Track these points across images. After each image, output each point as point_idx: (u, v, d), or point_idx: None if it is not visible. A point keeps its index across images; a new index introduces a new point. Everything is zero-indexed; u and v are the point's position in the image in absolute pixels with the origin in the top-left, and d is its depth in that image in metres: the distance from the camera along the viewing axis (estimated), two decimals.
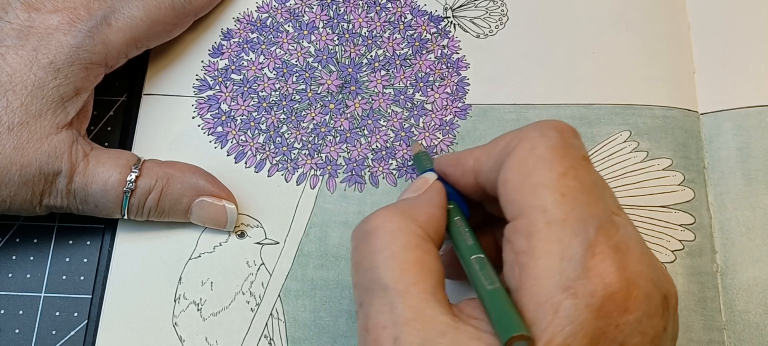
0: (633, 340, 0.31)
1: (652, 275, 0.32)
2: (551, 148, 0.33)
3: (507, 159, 0.34)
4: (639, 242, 0.33)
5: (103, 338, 0.43)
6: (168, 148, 0.48)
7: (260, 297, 0.45)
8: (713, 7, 0.52)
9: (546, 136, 0.34)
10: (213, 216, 0.45)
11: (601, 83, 0.49)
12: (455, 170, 0.38)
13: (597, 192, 0.33)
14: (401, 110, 0.49)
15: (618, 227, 0.32)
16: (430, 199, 0.37)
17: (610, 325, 0.31)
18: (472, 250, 0.35)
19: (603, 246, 0.31)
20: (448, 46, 0.51)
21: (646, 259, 0.32)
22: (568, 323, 0.30)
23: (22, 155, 0.41)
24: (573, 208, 0.32)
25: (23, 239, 0.46)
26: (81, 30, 0.43)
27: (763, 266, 0.45)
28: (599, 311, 0.30)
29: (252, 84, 0.49)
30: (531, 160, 0.33)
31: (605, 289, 0.31)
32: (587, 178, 0.33)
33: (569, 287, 0.31)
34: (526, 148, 0.34)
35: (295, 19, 0.51)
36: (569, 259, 0.31)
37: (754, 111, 0.49)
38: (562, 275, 0.31)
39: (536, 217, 0.32)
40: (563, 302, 0.30)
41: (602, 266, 0.31)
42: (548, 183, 0.33)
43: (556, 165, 0.33)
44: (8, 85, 0.42)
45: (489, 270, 0.34)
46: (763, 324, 0.44)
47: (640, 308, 0.31)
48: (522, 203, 0.33)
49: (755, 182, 0.47)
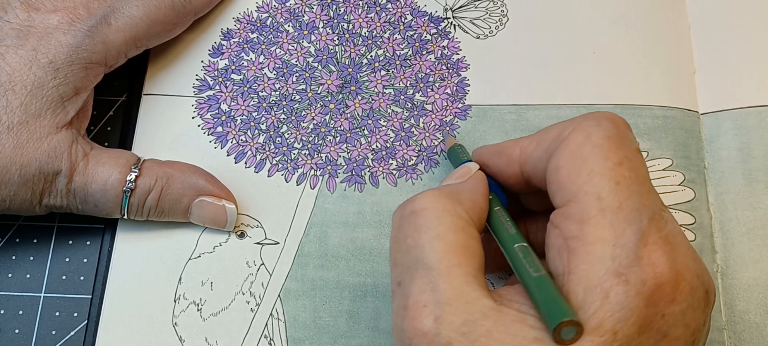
0: (676, 331, 0.31)
1: (697, 269, 0.33)
2: (607, 137, 0.34)
3: (560, 146, 0.35)
4: (684, 237, 0.34)
5: (103, 338, 0.43)
6: (168, 148, 0.48)
7: (260, 297, 0.44)
8: (713, 7, 0.52)
9: (602, 126, 0.34)
10: (213, 216, 0.45)
11: (601, 83, 0.49)
12: (499, 160, 0.38)
13: (650, 185, 0.34)
14: (401, 110, 0.49)
15: (667, 221, 0.33)
16: (475, 186, 0.38)
17: (658, 314, 0.31)
18: (514, 239, 0.36)
19: (655, 237, 0.32)
20: (448, 47, 0.51)
21: (692, 253, 0.33)
22: (618, 308, 0.30)
23: (21, 155, 0.41)
24: (628, 197, 0.32)
25: (23, 239, 0.46)
26: (81, 29, 0.43)
27: (764, 266, 0.45)
28: (649, 300, 0.31)
29: (252, 84, 0.49)
30: (586, 147, 0.34)
31: (656, 278, 0.31)
32: (641, 170, 0.34)
33: (621, 274, 0.31)
34: (581, 137, 0.34)
35: (295, 19, 0.51)
36: (622, 246, 0.31)
37: (755, 111, 0.49)
38: (615, 261, 0.31)
39: (590, 203, 0.33)
40: (614, 287, 0.31)
41: (654, 256, 0.31)
42: (604, 171, 0.33)
43: (612, 154, 0.33)
44: (8, 85, 0.42)
45: (533, 258, 0.34)
46: (763, 324, 0.44)
47: (686, 299, 0.32)
48: (575, 189, 0.33)
49: (755, 182, 0.47)
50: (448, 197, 0.35)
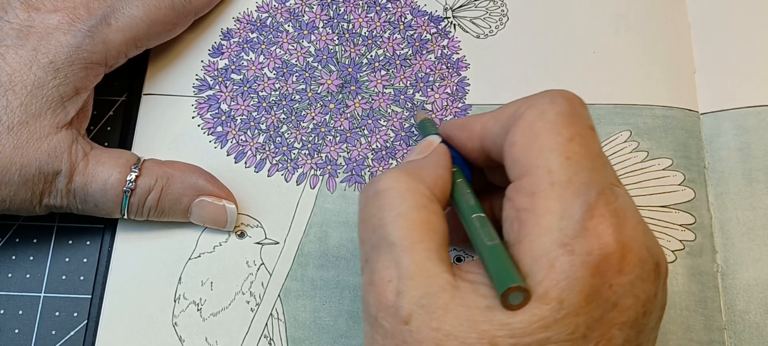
0: (626, 301, 0.32)
1: (646, 241, 0.33)
2: (560, 114, 0.34)
3: (516, 123, 0.35)
4: (635, 211, 0.34)
5: (102, 338, 0.43)
6: (168, 148, 0.48)
7: (260, 297, 0.44)
8: (713, 7, 0.52)
9: (555, 103, 0.35)
10: (213, 216, 0.45)
11: (601, 83, 0.49)
12: (461, 134, 0.39)
13: (602, 160, 0.34)
14: (401, 110, 0.49)
15: (617, 195, 0.33)
16: (437, 161, 0.38)
17: (605, 284, 0.31)
18: (473, 209, 0.36)
19: (602, 209, 0.32)
20: (448, 47, 0.51)
21: (642, 226, 0.33)
22: (564, 278, 0.31)
23: (21, 155, 0.41)
24: (577, 172, 0.33)
25: (23, 239, 0.46)
26: (81, 30, 0.43)
27: (764, 266, 0.45)
28: (595, 270, 0.31)
29: (252, 84, 0.49)
30: (539, 123, 0.34)
31: (601, 249, 0.31)
32: (593, 146, 0.34)
33: (567, 244, 0.32)
34: (535, 113, 0.35)
35: (295, 18, 0.51)
36: (569, 218, 0.32)
37: (755, 111, 0.49)
38: (561, 232, 0.32)
39: (541, 177, 0.33)
40: (560, 257, 0.31)
41: (600, 228, 0.32)
42: (555, 146, 0.34)
43: (564, 130, 0.34)
44: (8, 85, 0.42)
45: (489, 228, 0.35)
46: (764, 324, 0.44)
47: (634, 270, 0.32)
48: (527, 163, 0.34)
49: (755, 182, 0.47)
50: (409, 174, 0.36)
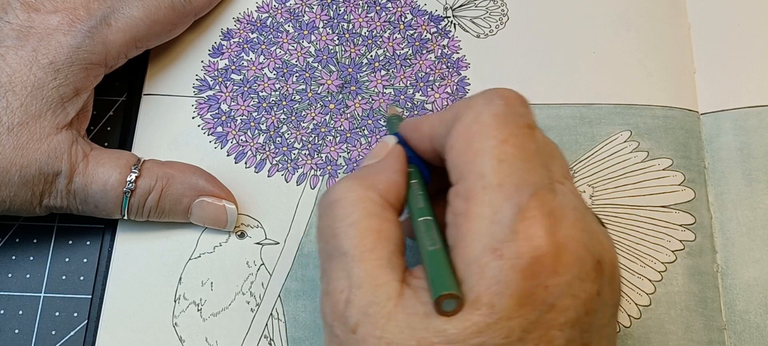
0: (563, 302, 0.31)
1: (584, 239, 0.33)
2: (495, 115, 0.34)
3: (454, 125, 0.35)
4: (577, 209, 0.33)
5: (103, 338, 0.43)
6: (168, 148, 0.48)
7: (260, 297, 0.45)
8: (713, 8, 0.52)
9: (491, 104, 0.35)
10: (213, 216, 0.45)
11: (601, 83, 0.49)
12: (414, 135, 0.39)
13: (538, 160, 0.34)
14: (401, 110, 0.49)
15: (556, 194, 0.33)
16: (391, 164, 0.38)
17: (539, 286, 0.31)
18: (421, 212, 0.36)
19: (535, 211, 0.32)
20: (448, 46, 0.51)
21: (581, 224, 0.33)
22: (494, 282, 0.31)
23: (21, 156, 0.41)
24: (509, 174, 0.33)
25: (23, 239, 0.46)
26: (81, 30, 0.43)
27: (764, 266, 0.45)
28: (526, 272, 0.31)
29: (252, 84, 0.49)
30: (474, 126, 0.34)
31: (532, 251, 0.31)
32: (528, 145, 0.34)
33: (496, 249, 0.31)
34: (471, 116, 0.35)
35: (295, 19, 0.51)
36: (498, 222, 0.32)
37: (755, 111, 0.49)
38: (491, 237, 0.32)
39: (474, 181, 0.33)
40: (489, 262, 0.31)
41: (531, 230, 0.32)
42: (487, 149, 0.33)
43: (497, 132, 0.34)
44: (8, 86, 0.42)
45: (433, 232, 0.35)
46: (764, 324, 0.44)
47: (570, 270, 0.32)
48: (463, 167, 0.34)
49: (755, 182, 0.47)
50: (362, 183, 0.36)
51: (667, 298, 0.44)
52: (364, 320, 0.33)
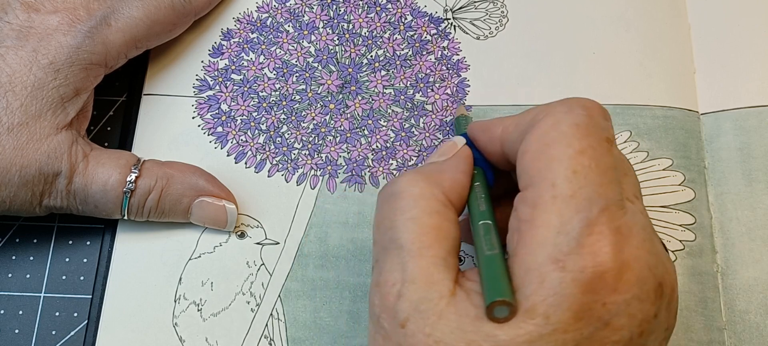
0: (619, 321, 0.31)
1: (649, 260, 0.32)
2: (574, 125, 0.34)
3: (530, 130, 0.35)
4: (645, 229, 0.33)
5: (103, 338, 0.43)
6: (168, 148, 0.48)
7: (260, 297, 0.45)
8: (713, 8, 0.52)
9: (572, 113, 0.34)
10: (213, 216, 0.45)
11: (601, 83, 0.49)
12: (483, 136, 0.39)
13: (612, 175, 0.33)
14: (401, 111, 0.49)
15: (626, 211, 0.33)
16: (457, 164, 0.38)
17: (597, 302, 0.31)
18: (482, 215, 0.36)
19: (603, 227, 0.32)
20: (448, 48, 0.51)
21: (647, 246, 0.33)
22: (551, 293, 0.31)
23: (21, 156, 0.41)
24: (582, 186, 0.32)
25: (23, 239, 0.46)
26: (81, 30, 0.43)
27: (764, 266, 0.45)
28: (586, 287, 0.31)
29: (252, 84, 0.49)
30: (552, 133, 0.34)
31: (596, 267, 0.31)
32: (605, 159, 0.33)
33: (559, 260, 0.31)
34: (550, 122, 0.34)
35: (295, 19, 0.51)
36: (566, 233, 0.32)
37: (755, 111, 0.49)
38: (556, 247, 0.31)
39: (545, 189, 0.33)
40: (550, 273, 0.31)
41: (597, 245, 0.31)
42: (563, 158, 0.33)
43: (575, 142, 0.33)
44: (8, 86, 0.42)
45: (492, 236, 0.35)
46: (764, 324, 0.44)
47: (631, 290, 0.31)
48: (535, 174, 0.33)
49: (755, 182, 0.47)
50: (426, 178, 0.36)
51: None
52: (415, 316, 0.32)
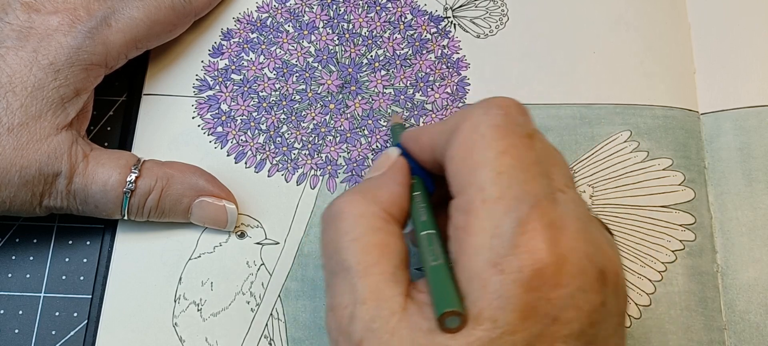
0: (567, 314, 0.31)
1: (587, 250, 0.32)
2: (493, 126, 0.34)
3: (453, 137, 0.35)
4: (579, 218, 0.33)
5: (103, 338, 0.43)
6: (168, 148, 0.48)
7: (260, 297, 0.45)
8: (713, 8, 0.52)
9: (489, 115, 0.34)
10: (213, 216, 0.45)
11: (601, 83, 0.49)
12: (415, 146, 0.39)
13: (537, 169, 0.33)
14: (401, 110, 0.49)
15: (557, 204, 0.33)
16: (393, 177, 0.38)
17: (542, 299, 0.31)
18: (424, 226, 0.36)
19: (535, 223, 0.32)
20: (448, 46, 0.51)
21: (583, 235, 0.32)
22: (495, 297, 0.31)
23: (21, 156, 0.41)
24: (509, 186, 0.32)
25: (23, 239, 0.46)
26: (81, 31, 0.43)
27: (764, 266, 0.45)
28: (528, 286, 0.31)
29: (252, 84, 0.49)
30: (473, 137, 0.34)
31: (533, 264, 0.31)
32: (527, 155, 0.33)
33: (497, 264, 0.31)
34: (469, 126, 0.34)
35: (295, 19, 0.51)
36: (499, 236, 0.32)
37: (755, 111, 0.49)
38: (492, 251, 0.31)
39: (474, 194, 0.33)
40: (491, 277, 0.31)
41: (532, 243, 0.31)
42: (486, 161, 0.33)
43: (496, 143, 0.33)
44: (8, 87, 0.42)
45: (436, 246, 0.35)
46: (764, 324, 0.44)
47: (573, 282, 0.31)
48: (463, 180, 0.34)
49: (756, 182, 0.47)
50: (364, 196, 0.36)
51: (667, 298, 0.44)
52: (369, 336, 0.32)
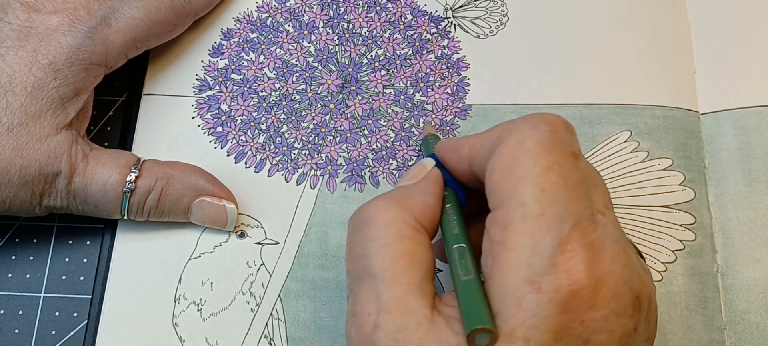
0: (599, 337, 0.31)
1: (624, 274, 0.32)
2: (539, 142, 0.33)
3: (496, 149, 0.34)
4: (618, 242, 0.33)
5: (103, 338, 0.43)
6: (168, 148, 0.48)
7: (260, 297, 0.45)
8: (713, 7, 0.52)
9: (536, 130, 0.34)
10: (213, 216, 0.45)
11: (601, 83, 0.49)
12: (452, 157, 0.38)
13: (581, 189, 0.33)
14: (401, 110, 0.49)
15: (597, 225, 0.32)
16: (426, 187, 0.37)
17: (575, 321, 0.31)
18: (456, 239, 0.36)
19: (575, 244, 0.31)
20: (448, 47, 0.51)
21: (621, 259, 0.32)
22: (530, 316, 0.31)
23: (21, 156, 0.41)
24: (551, 203, 0.32)
25: (23, 239, 0.46)
26: (81, 31, 0.43)
27: (764, 266, 0.45)
28: (563, 307, 0.31)
29: (252, 84, 0.49)
30: (518, 152, 0.33)
31: (571, 285, 0.31)
32: (572, 175, 0.33)
33: (534, 282, 0.31)
34: (515, 140, 0.34)
35: (295, 19, 0.51)
36: (538, 253, 0.31)
37: (755, 111, 0.49)
38: (530, 268, 0.31)
39: (514, 209, 0.32)
40: (527, 295, 0.31)
41: (571, 263, 0.31)
42: (530, 177, 0.33)
43: (542, 159, 0.33)
44: (8, 86, 0.42)
45: (467, 260, 0.34)
46: (764, 324, 0.44)
47: (608, 305, 0.31)
48: (503, 194, 0.33)
49: (756, 182, 0.47)
50: (396, 203, 0.36)
51: (667, 298, 0.44)
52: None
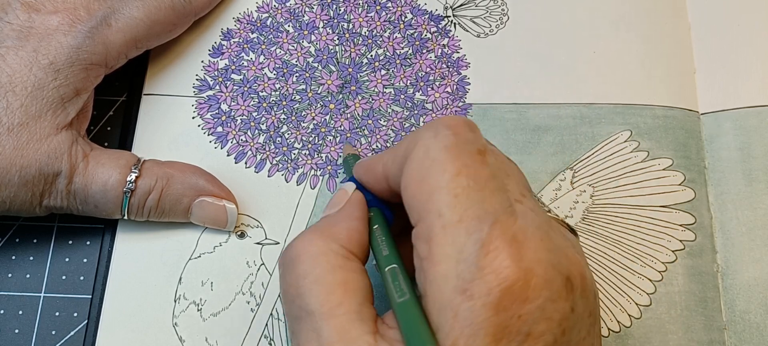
0: (538, 327, 0.31)
1: (551, 259, 0.32)
2: (444, 148, 0.33)
3: (406, 164, 0.34)
4: (540, 227, 0.33)
5: (103, 338, 0.43)
6: (168, 148, 0.48)
7: (260, 297, 0.45)
8: (713, 8, 0.52)
9: (439, 137, 0.34)
10: (213, 216, 0.45)
11: (601, 83, 0.49)
12: (369, 177, 0.38)
13: (493, 185, 0.33)
14: (401, 110, 0.49)
15: (517, 216, 0.32)
16: (350, 212, 0.37)
17: (512, 317, 0.30)
18: (387, 260, 0.35)
19: (497, 242, 0.31)
20: (448, 46, 0.51)
21: (545, 244, 0.32)
22: (467, 325, 0.30)
23: (21, 156, 0.41)
24: (467, 207, 0.32)
25: (23, 239, 0.46)
26: (81, 31, 0.43)
27: (764, 266, 0.45)
28: (497, 307, 0.30)
29: (252, 84, 0.49)
30: (426, 162, 0.33)
31: (500, 284, 0.30)
32: (482, 173, 0.33)
33: (465, 290, 0.31)
34: (421, 151, 0.34)
35: (295, 19, 0.51)
36: (464, 260, 0.31)
37: (755, 111, 0.49)
38: (458, 278, 0.31)
39: (433, 221, 0.32)
40: (461, 305, 0.31)
41: (496, 263, 0.31)
42: (442, 186, 0.32)
43: (449, 165, 0.33)
44: (8, 86, 0.42)
45: (400, 281, 0.34)
46: (764, 324, 0.44)
47: (541, 294, 0.31)
48: (420, 208, 0.33)
49: (756, 182, 0.47)
50: (322, 235, 0.35)
51: (667, 298, 0.44)
52: None
